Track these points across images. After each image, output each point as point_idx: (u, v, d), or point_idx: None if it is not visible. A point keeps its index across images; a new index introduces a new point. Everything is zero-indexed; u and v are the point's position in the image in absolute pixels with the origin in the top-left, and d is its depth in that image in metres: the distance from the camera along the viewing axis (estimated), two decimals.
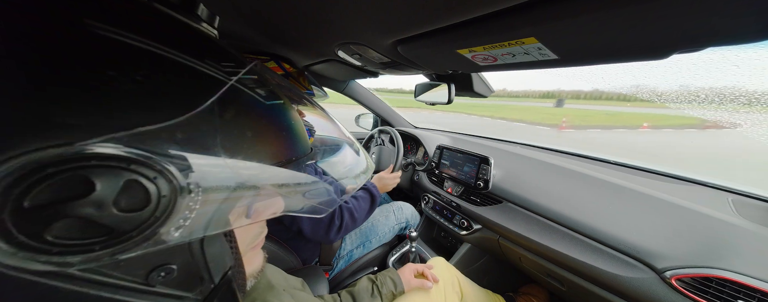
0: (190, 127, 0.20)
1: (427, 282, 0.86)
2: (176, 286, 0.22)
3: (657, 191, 0.83)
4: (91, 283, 0.19)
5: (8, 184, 0.15)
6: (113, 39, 0.20)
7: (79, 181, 0.17)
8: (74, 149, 0.16)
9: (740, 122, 0.86)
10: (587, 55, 0.49)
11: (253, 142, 0.25)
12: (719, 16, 0.31)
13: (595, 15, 0.35)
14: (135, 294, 0.20)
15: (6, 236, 0.15)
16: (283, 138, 0.29)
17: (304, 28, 0.66)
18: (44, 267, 0.17)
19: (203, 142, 0.21)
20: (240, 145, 0.23)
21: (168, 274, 0.22)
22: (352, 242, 1.24)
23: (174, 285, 0.22)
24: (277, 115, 0.29)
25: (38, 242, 0.16)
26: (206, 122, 0.21)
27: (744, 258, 0.60)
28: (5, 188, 0.15)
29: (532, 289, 1.24)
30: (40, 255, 0.16)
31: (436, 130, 1.89)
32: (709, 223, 0.69)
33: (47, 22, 0.18)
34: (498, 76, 1.23)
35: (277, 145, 0.28)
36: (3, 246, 0.15)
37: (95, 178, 0.17)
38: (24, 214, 0.16)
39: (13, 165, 0.15)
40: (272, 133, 0.28)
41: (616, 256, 0.74)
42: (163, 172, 0.19)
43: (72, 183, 0.16)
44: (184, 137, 0.20)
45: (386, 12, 0.48)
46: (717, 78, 0.69)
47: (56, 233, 0.16)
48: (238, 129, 0.24)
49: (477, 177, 1.18)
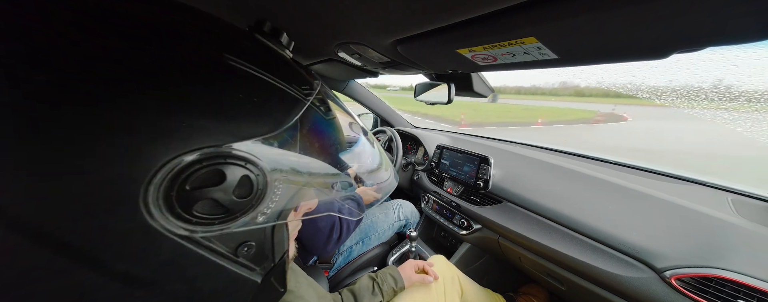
0: (281, 138, 0.27)
1: (427, 277, 0.86)
2: (251, 260, 0.29)
3: (657, 191, 0.83)
4: (203, 247, 0.25)
5: (178, 172, 0.22)
6: (240, 69, 0.27)
7: (217, 173, 0.24)
8: (217, 151, 0.24)
9: (624, 115, 0.87)
10: (587, 54, 0.49)
11: (318, 152, 0.31)
12: (719, 16, 0.31)
13: (595, 15, 0.35)
14: (226, 260, 0.27)
15: (171, 208, 0.23)
16: (335, 148, 0.35)
17: (304, 28, 0.66)
18: (186, 232, 0.24)
19: (288, 150, 0.28)
20: (310, 154, 0.30)
21: (249, 250, 0.28)
22: (351, 238, 1.24)
23: (250, 259, 0.29)
24: (333, 129, 0.36)
25: (188, 214, 0.23)
26: (291, 135, 0.28)
27: (744, 258, 0.60)
28: (176, 175, 0.22)
29: (532, 289, 1.24)
30: (187, 224, 0.24)
31: (435, 130, 1.89)
32: (709, 223, 0.69)
33: (200, 56, 0.26)
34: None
35: (332, 153, 0.34)
36: (168, 215, 0.23)
37: (227, 171, 0.24)
38: (184, 194, 0.23)
39: (184, 160, 0.22)
40: (329, 143, 0.34)
41: (615, 256, 0.74)
42: (263, 171, 0.26)
43: (214, 174, 0.24)
44: (277, 145, 0.27)
45: (386, 12, 0.48)
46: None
47: (198, 209, 0.24)
48: (310, 140, 0.30)
49: (477, 177, 1.18)
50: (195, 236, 0.24)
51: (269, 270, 0.31)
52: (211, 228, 0.25)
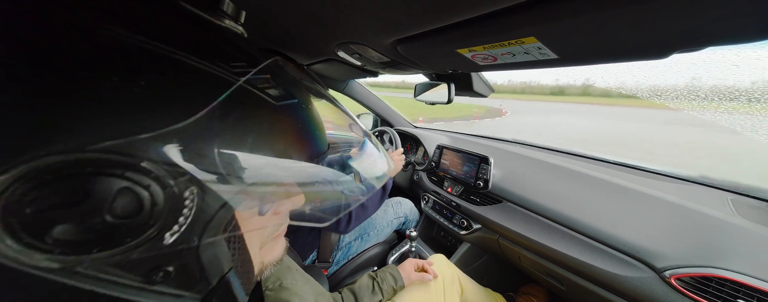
0: (189, 133, 0.20)
1: (427, 275, 0.86)
2: (175, 286, 0.23)
3: (657, 191, 0.83)
4: (95, 280, 0.19)
5: (13, 190, 0.16)
6: (121, 41, 0.19)
7: (74, 189, 0.17)
8: (70, 157, 0.17)
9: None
10: (587, 54, 0.49)
11: (256, 145, 0.24)
12: (719, 16, 0.31)
13: (595, 15, 0.35)
14: (136, 291, 0.21)
15: (15, 236, 0.16)
16: (295, 138, 0.28)
17: (304, 28, 0.66)
18: (50, 264, 0.17)
19: (201, 148, 0.21)
20: (241, 149, 0.23)
21: (166, 275, 0.22)
22: (351, 234, 1.24)
23: (173, 285, 0.23)
24: (289, 116, 0.28)
25: (42, 242, 0.17)
26: (206, 127, 0.21)
27: (743, 258, 0.60)
28: (11, 194, 0.16)
29: (533, 289, 1.24)
30: (44, 253, 0.17)
31: (436, 130, 1.89)
32: (709, 223, 0.69)
33: (49, 23, 0.18)
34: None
35: (287, 145, 0.27)
36: (13, 244, 0.16)
37: (89, 186, 0.17)
38: (28, 218, 0.17)
39: (16, 174, 0.16)
40: (281, 134, 0.27)
41: (615, 256, 0.74)
42: (158, 179, 0.19)
43: (67, 190, 0.17)
44: (182, 143, 0.20)
45: (386, 12, 0.48)
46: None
47: (57, 235, 0.17)
48: (241, 133, 0.23)
49: (477, 177, 1.18)
50: (75, 268, 0.18)
51: (207, 295, 0.24)
52: (90, 256, 0.18)
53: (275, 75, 0.28)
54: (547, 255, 0.89)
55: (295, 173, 0.29)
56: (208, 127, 0.21)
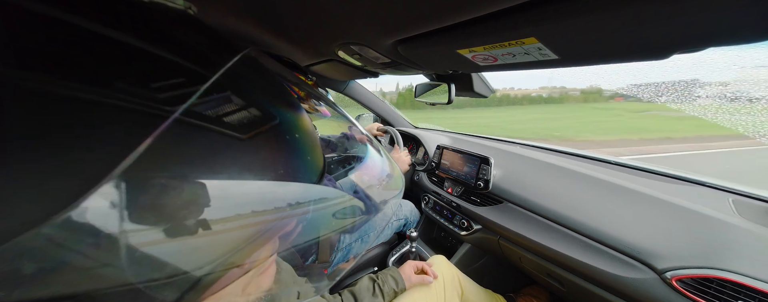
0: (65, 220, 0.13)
1: (427, 277, 0.86)
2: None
3: (657, 191, 0.83)
4: None
5: None
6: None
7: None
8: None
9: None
10: (587, 55, 0.49)
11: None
12: (720, 16, 0.31)
13: (596, 15, 0.35)
14: None
15: None
16: (283, 172, 0.22)
17: (304, 29, 0.66)
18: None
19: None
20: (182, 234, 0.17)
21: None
22: (351, 235, 1.24)
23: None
24: (270, 145, 0.21)
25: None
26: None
27: (744, 259, 0.60)
28: None
29: (533, 290, 1.24)
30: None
31: (436, 130, 1.89)
32: (710, 224, 0.69)
33: None
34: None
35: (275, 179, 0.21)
36: None
37: None
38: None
39: None
40: (261, 172, 0.20)
41: (616, 257, 0.74)
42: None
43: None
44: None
45: (386, 12, 0.48)
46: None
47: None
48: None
49: (477, 178, 1.18)
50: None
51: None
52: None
53: (243, 84, 0.20)
54: (548, 255, 0.89)
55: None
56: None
